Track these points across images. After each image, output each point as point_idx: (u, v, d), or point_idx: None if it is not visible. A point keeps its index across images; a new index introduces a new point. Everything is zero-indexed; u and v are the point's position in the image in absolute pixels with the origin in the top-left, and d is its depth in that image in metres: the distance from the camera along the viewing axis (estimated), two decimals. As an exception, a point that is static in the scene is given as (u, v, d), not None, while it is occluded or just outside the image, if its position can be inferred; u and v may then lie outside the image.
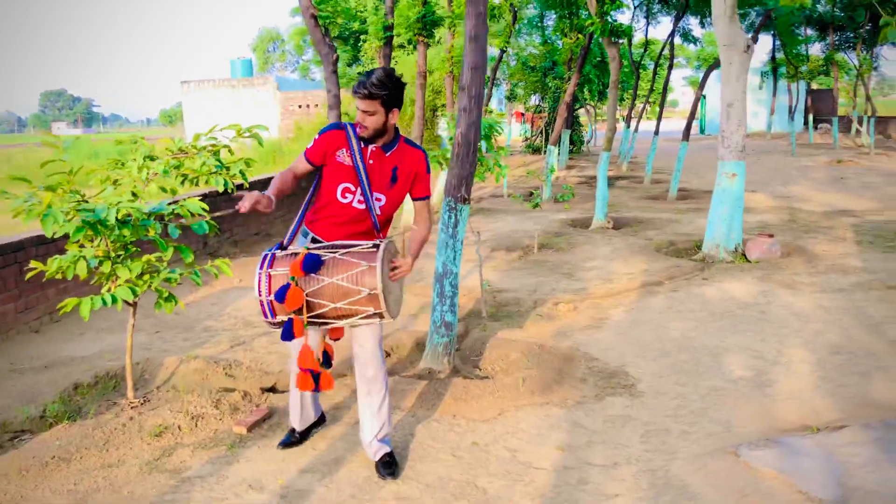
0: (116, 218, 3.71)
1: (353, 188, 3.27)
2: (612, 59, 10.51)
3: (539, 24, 24.23)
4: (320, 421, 3.93)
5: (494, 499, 3.21)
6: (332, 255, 3.17)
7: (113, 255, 4.08)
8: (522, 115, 35.38)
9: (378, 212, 3.32)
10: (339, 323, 3.26)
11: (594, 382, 4.59)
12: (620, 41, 10.30)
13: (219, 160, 4.69)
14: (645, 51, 22.91)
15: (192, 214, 4.08)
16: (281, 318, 3.20)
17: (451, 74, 14.40)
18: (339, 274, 3.12)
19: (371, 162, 3.27)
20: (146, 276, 4.11)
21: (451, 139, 8.61)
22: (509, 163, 22.20)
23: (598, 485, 3.32)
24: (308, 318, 3.18)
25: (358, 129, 3.23)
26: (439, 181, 14.33)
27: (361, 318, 3.21)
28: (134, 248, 4.22)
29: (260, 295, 3.19)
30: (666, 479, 3.34)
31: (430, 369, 4.81)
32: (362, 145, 3.26)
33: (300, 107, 34.71)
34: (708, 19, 19.50)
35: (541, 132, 26.36)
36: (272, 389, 4.68)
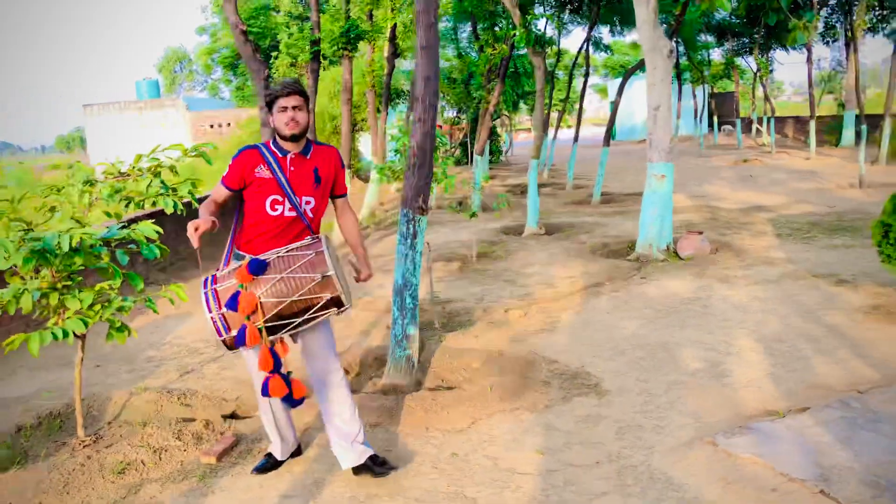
0: (70, 246, 3.52)
1: (280, 199, 3.33)
2: (538, 69, 10.71)
3: (454, 38, 24.46)
4: (296, 452, 3.80)
5: (486, 507, 3.19)
6: (275, 255, 3.21)
7: (60, 285, 3.87)
8: (440, 126, 35.62)
9: (311, 214, 3.40)
10: (297, 322, 3.20)
11: (559, 385, 4.64)
12: (544, 50, 10.49)
13: (163, 181, 4.53)
14: (557, 60, 23.43)
15: (148, 239, 3.91)
16: (235, 333, 3.14)
17: (373, 89, 14.35)
18: (289, 267, 3.16)
19: (293, 169, 3.35)
20: (97, 307, 3.91)
21: (399, 151, 8.57)
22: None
23: (585, 484, 3.35)
24: (265, 322, 3.13)
25: (290, 128, 3.30)
26: (368, 192, 14.26)
27: (319, 309, 3.19)
28: (79, 278, 4.01)
29: (210, 312, 3.15)
30: (649, 473, 3.40)
31: (394, 384, 4.75)
32: (279, 156, 3.34)
33: (212, 126, 33.92)
34: (618, 28, 20.16)
35: (461, 144, 26.57)
36: (233, 416, 4.52)
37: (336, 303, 3.20)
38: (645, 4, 8.37)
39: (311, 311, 3.19)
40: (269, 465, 3.65)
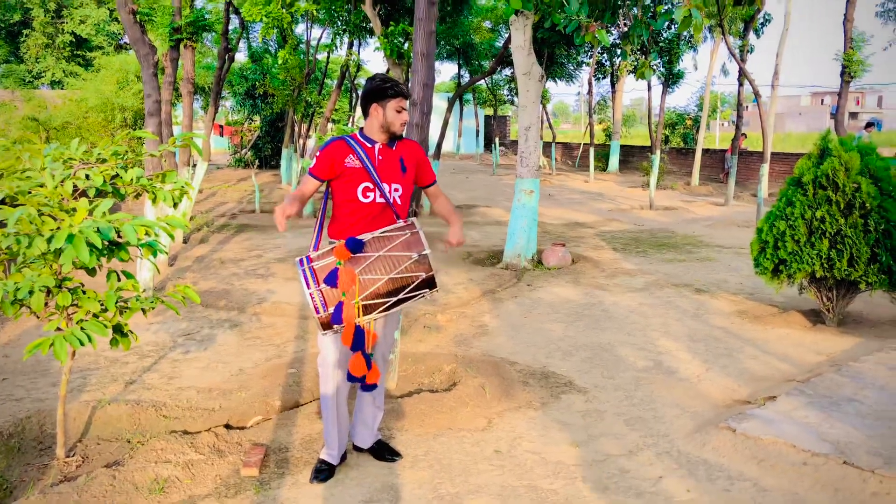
0: (113, 241, 3.13)
1: (371, 186, 3.44)
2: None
3: (245, 37, 23.71)
4: (342, 458, 3.70)
5: (573, 498, 3.38)
6: (370, 236, 3.32)
7: (69, 283, 3.40)
8: (221, 127, 33.97)
9: (399, 202, 3.51)
10: (391, 302, 3.31)
11: (537, 384, 4.92)
12: (403, 61, 10.74)
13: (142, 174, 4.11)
14: (358, 71, 23.75)
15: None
16: (332, 310, 3.22)
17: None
18: (385, 247, 3.28)
19: (381, 158, 3.49)
20: (112, 308, 3.48)
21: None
22: (220, 178, 21.30)
23: (637, 470, 3.67)
24: (362, 300, 3.22)
25: (403, 127, 3.53)
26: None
27: (413, 289, 3.31)
28: (72, 278, 3.55)
29: (309, 288, 3.22)
30: (685, 457, 3.81)
31: (378, 387, 4.72)
32: (367, 147, 3.48)
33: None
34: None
35: (253, 146, 25.67)
36: (227, 426, 4.20)
37: (429, 283, 3.34)
38: (522, 31, 8.98)
39: (406, 291, 3.29)
40: (325, 471, 3.53)
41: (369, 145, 3.47)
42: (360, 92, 22.18)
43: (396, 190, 3.49)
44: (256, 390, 4.65)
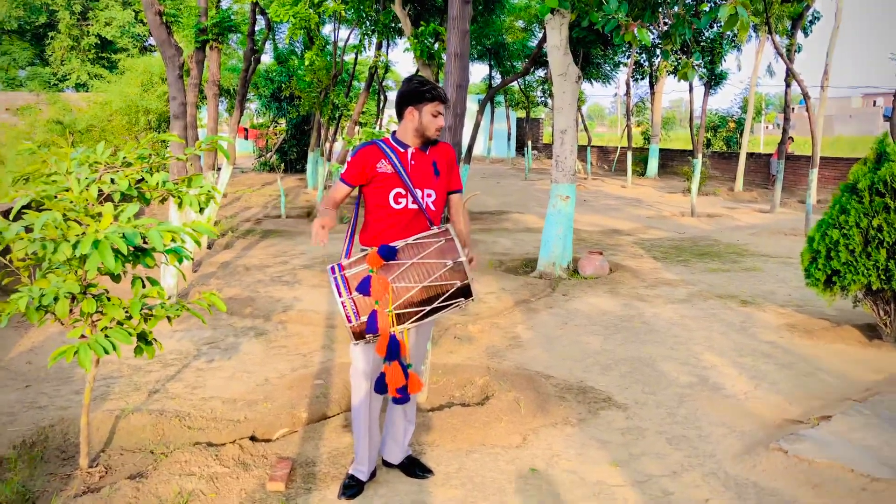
0: (138, 247, 3.00)
1: (403, 192, 3.32)
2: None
3: (271, 38, 23.66)
4: (372, 474, 3.53)
5: (615, 523, 3.16)
6: (403, 243, 3.19)
7: (93, 290, 3.29)
8: (246, 130, 33.98)
9: (433, 207, 3.39)
10: (426, 310, 3.18)
11: (574, 399, 4.69)
12: (433, 62, 10.59)
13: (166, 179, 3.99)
14: (387, 72, 23.66)
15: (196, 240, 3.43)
16: (364, 319, 3.09)
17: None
18: (419, 254, 3.14)
19: (413, 163, 3.36)
20: (137, 316, 3.35)
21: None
22: (245, 182, 21.23)
23: (682, 492, 3.44)
24: (395, 309, 3.10)
25: (438, 131, 3.37)
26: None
27: (448, 298, 3.17)
28: (97, 284, 3.44)
29: (341, 296, 3.10)
30: (733, 480, 3.57)
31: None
32: (400, 151, 3.34)
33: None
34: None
35: (278, 150, 25.52)
36: (252, 439, 4.06)
37: (465, 292, 3.18)
38: (558, 30, 8.76)
39: (441, 300, 3.15)
40: (356, 488, 3.37)
41: (402, 150, 3.33)
42: (388, 94, 22.09)
43: (429, 195, 3.35)
44: (282, 402, 4.50)
